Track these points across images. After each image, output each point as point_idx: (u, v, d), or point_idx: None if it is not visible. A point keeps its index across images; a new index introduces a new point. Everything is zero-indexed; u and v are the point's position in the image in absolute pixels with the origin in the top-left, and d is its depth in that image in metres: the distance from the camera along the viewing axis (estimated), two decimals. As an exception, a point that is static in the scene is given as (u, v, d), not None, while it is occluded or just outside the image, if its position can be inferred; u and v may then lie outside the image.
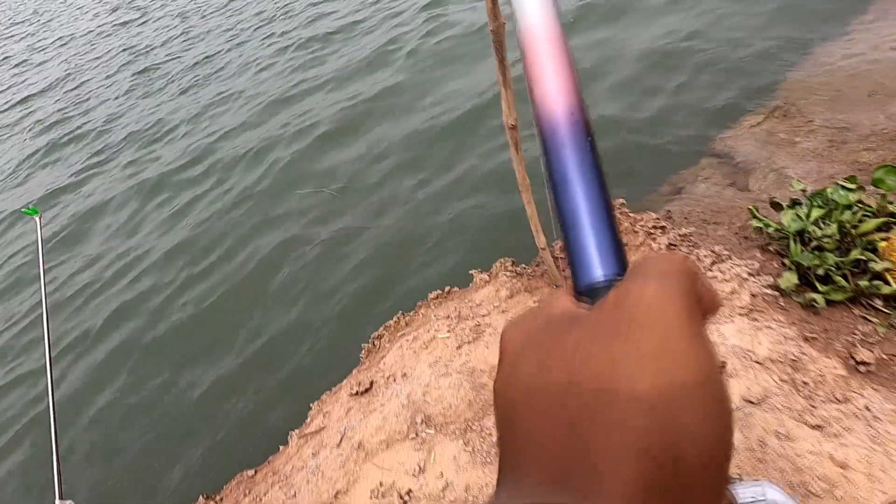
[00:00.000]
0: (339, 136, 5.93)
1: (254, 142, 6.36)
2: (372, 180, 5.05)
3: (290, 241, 4.60)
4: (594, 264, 0.34)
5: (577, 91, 0.37)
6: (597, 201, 0.36)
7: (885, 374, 2.37)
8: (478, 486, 2.19)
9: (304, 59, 8.04)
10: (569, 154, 0.36)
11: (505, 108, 2.56)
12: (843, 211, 2.99)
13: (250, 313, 3.91)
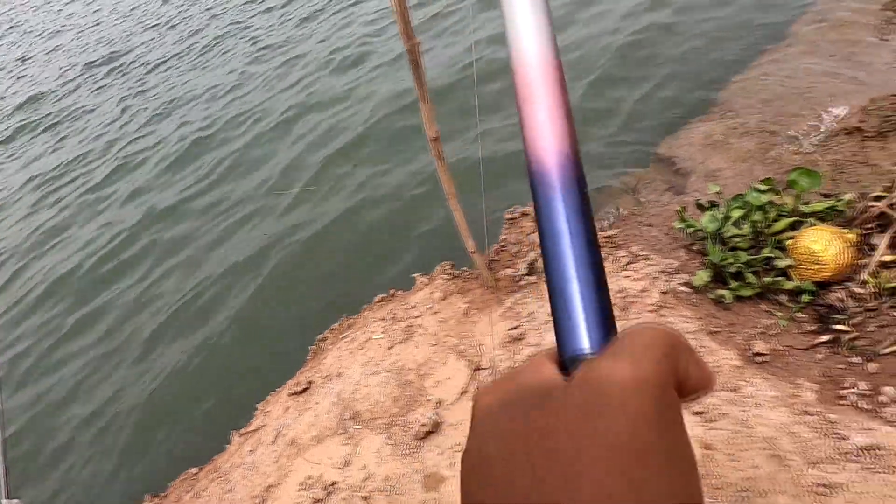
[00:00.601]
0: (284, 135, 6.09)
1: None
2: (330, 184, 5.21)
3: (248, 242, 4.76)
4: (579, 335, 0.33)
5: (571, 135, 0.36)
6: (585, 263, 0.34)
7: (778, 364, 2.53)
8: (396, 476, 2.34)
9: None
10: (559, 205, 0.34)
11: (425, 121, 2.72)
12: (755, 212, 3.16)
13: (203, 316, 4.06)
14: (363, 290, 3.96)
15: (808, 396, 2.31)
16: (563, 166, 0.35)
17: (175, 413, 3.44)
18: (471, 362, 2.71)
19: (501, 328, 2.84)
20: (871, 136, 3.71)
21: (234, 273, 4.54)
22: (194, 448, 3.18)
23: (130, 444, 3.36)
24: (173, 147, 7.09)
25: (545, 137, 0.35)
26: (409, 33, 2.46)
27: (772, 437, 1.96)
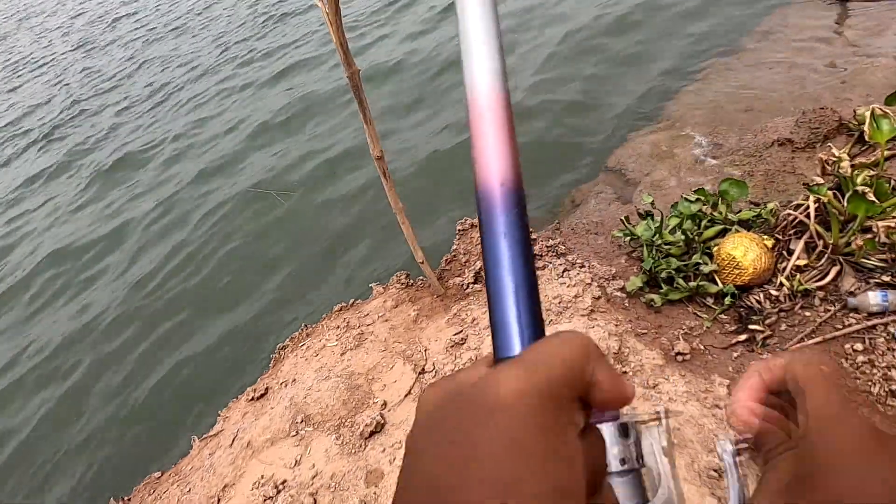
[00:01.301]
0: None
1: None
2: (302, 193, 5.39)
3: (214, 251, 4.93)
4: (511, 342, 0.36)
5: (513, 164, 0.39)
6: (520, 276, 0.37)
7: (697, 363, 2.73)
8: (341, 473, 2.51)
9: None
10: (499, 228, 0.38)
11: (370, 142, 2.91)
12: (686, 220, 3.37)
13: (172, 326, 4.22)
14: (330, 299, 4.15)
15: (719, 391, 2.51)
16: (505, 194, 0.38)
17: (141, 420, 3.59)
18: (416, 366, 2.89)
19: (447, 333, 3.02)
20: (801, 147, 3.95)
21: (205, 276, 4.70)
22: (155, 454, 3.33)
23: (101, 448, 3.51)
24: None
25: (491, 166, 0.38)
26: (349, 62, 2.66)
27: (674, 427, 2.15)
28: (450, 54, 6.88)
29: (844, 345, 2.60)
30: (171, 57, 10.41)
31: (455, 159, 5.05)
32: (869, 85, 4.50)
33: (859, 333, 2.62)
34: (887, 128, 2.84)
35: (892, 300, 2.61)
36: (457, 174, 4.78)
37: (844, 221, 3.01)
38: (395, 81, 6.87)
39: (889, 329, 2.58)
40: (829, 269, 2.94)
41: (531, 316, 0.37)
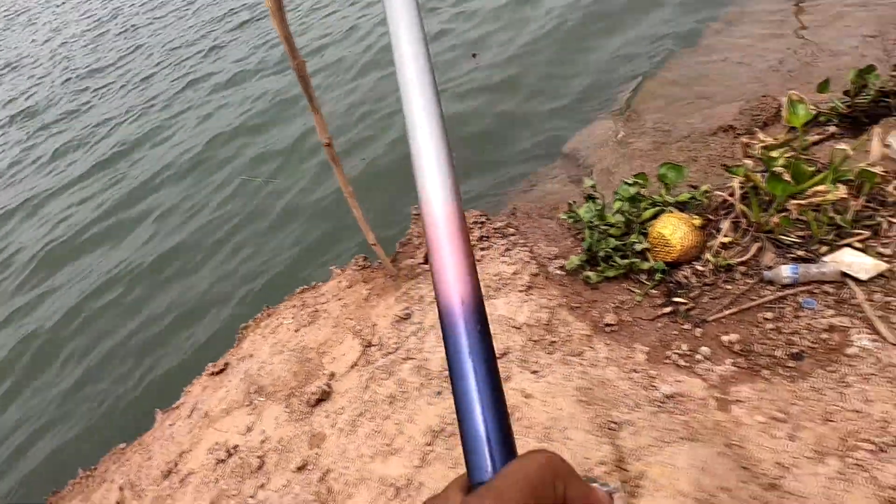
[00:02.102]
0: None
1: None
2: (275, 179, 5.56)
3: (190, 232, 5.10)
4: (485, 465, 0.37)
5: (472, 280, 0.39)
6: (488, 395, 0.37)
7: (624, 333, 2.92)
8: (288, 437, 2.69)
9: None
10: (462, 343, 0.38)
11: (318, 128, 3.08)
12: (626, 202, 3.55)
13: (141, 304, 4.41)
14: (296, 282, 4.33)
15: (639, 357, 2.70)
16: (466, 312, 0.39)
17: (112, 396, 3.77)
18: (364, 340, 3.07)
19: (394, 310, 3.20)
20: (742, 133, 4.13)
21: (181, 258, 4.88)
22: (125, 428, 3.51)
23: (74, 425, 3.69)
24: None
25: (451, 284, 0.39)
26: (294, 53, 2.82)
27: (586, 387, 2.34)
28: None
29: (757, 314, 2.79)
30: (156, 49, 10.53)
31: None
32: (815, 74, 4.67)
33: (771, 304, 2.81)
34: (803, 112, 3.02)
35: (801, 273, 2.80)
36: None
37: (769, 201, 3.20)
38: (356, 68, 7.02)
39: (797, 299, 2.77)
40: (751, 245, 3.12)
41: (501, 434, 0.37)
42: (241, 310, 4.11)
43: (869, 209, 2.95)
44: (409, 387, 2.57)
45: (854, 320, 2.53)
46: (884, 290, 2.59)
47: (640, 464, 1.95)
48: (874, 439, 2.02)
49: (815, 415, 2.20)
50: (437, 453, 2.22)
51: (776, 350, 2.58)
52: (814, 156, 3.57)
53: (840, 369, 2.35)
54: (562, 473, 0.36)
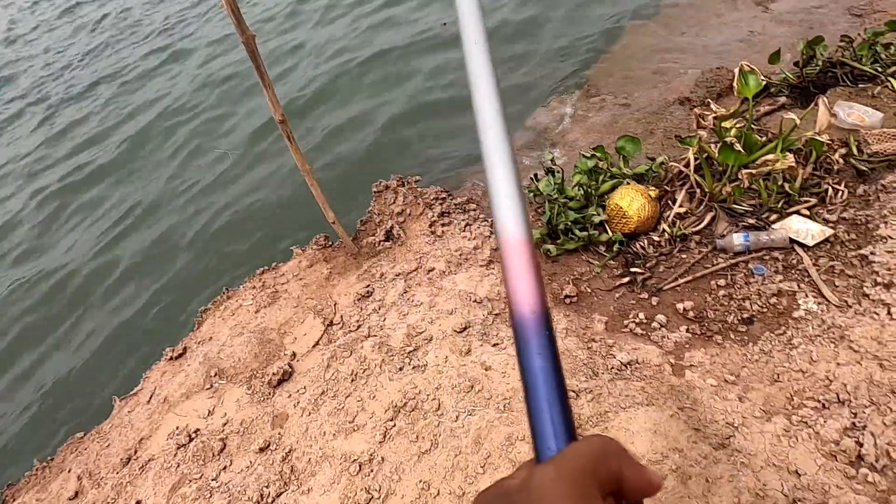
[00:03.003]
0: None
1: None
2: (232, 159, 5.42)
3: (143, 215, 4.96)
4: (549, 446, 0.42)
5: (541, 293, 0.46)
6: (553, 390, 0.43)
7: (583, 304, 2.96)
8: (250, 419, 2.67)
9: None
10: (533, 344, 0.44)
11: (271, 106, 3.00)
12: (585, 175, 3.58)
13: (94, 290, 4.29)
14: (256, 263, 4.25)
15: (598, 327, 2.75)
16: (536, 320, 0.45)
17: (67, 386, 3.67)
18: (325, 319, 3.05)
19: (356, 288, 3.18)
20: (697, 105, 4.19)
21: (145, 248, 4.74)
22: (88, 416, 3.42)
23: (30, 418, 3.59)
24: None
25: (523, 298, 0.46)
26: (243, 28, 2.73)
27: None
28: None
29: (711, 282, 2.86)
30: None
31: (375, 128, 5.15)
32: (770, 46, 4.75)
33: (724, 271, 2.88)
34: (754, 83, 3.07)
35: (752, 240, 2.88)
36: (377, 142, 4.89)
37: (722, 171, 3.26)
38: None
39: (749, 266, 2.85)
40: (705, 215, 3.19)
41: (564, 424, 0.43)
42: (199, 293, 4.03)
43: (816, 177, 3.04)
44: (371, 364, 2.56)
45: (801, 284, 2.62)
46: (829, 255, 2.69)
47: (597, 429, 2.00)
48: (818, 397, 2.11)
49: (763, 376, 2.29)
50: (399, 428, 2.23)
51: (728, 316, 2.65)
52: (765, 126, 3.65)
53: (787, 332, 2.43)
54: (617, 452, 0.41)
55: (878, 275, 2.40)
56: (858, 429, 1.92)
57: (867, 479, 1.79)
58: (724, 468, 1.83)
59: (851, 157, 3.02)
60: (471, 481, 1.92)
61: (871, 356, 2.14)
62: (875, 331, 2.21)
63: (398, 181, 3.69)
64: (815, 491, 1.75)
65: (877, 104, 3.35)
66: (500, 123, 0.52)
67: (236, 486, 2.33)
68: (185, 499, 2.38)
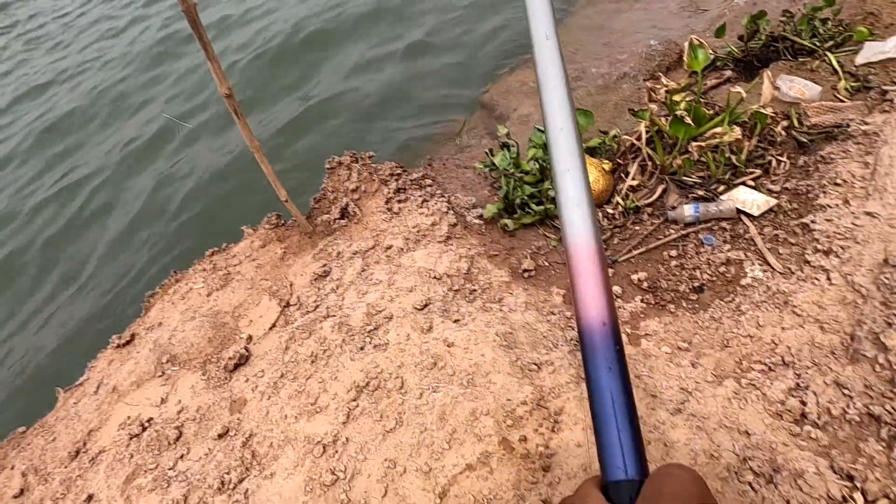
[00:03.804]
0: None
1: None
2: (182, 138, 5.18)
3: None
4: (618, 465, 0.41)
5: (610, 306, 0.44)
6: (624, 405, 0.41)
7: (541, 277, 3.00)
8: (206, 405, 2.59)
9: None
10: (603, 357, 0.43)
11: (216, 79, 2.85)
12: (539, 149, 3.59)
13: (30, 275, 4.04)
14: (205, 244, 4.09)
15: (556, 300, 2.79)
16: (607, 332, 0.44)
17: (9, 380, 3.47)
18: (281, 300, 2.97)
19: (312, 268, 3.11)
20: (647, 78, 4.25)
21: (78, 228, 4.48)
22: (29, 410, 3.25)
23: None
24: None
25: (594, 308, 0.45)
26: (183, -8, 2.56)
27: (506, 332, 2.39)
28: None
29: (663, 252, 2.94)
30: None
31: (330, 104, 5.00)
32: (717, 19, 4.85)
33: (676, 242, 2.97)
34: (702, 57, 3.13)
35: (702, 211, 2.96)
36: (329, 117, 4.76)
37: (672, 144, 3.33)
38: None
39: (699, 236, 2.93)
40: (657, 187, 3.26)
41: (633, 440, 0.42)
42: (145, 277, 3.86)
43: (760, 149, 3.15)
44: (331, 344, 2.52)
45: (748, 253, 2.72)
46: (773, 224, 2.80)
47: (558, 400, 2.04)
48: (765, 360, 2.21)
49: (714, 342, 2.38)
50: (362, 408, 2.21)
51: (680, 285, 2.74)
52: (712, 99, 3.74)
53: (736, 299, 2.53)
54: (704, 494, 0.39)
55: (818, 242, 2.51)
56: (802, 389, 2.03)
57: (810, 436, 1.90)
58: (680, 432, 1.90)
59: (793, 129, 3.14)
60: (437, 457, 1.93)
61: (812, 320, 2.25)
62: (816, 296, 2.32)
63: (352, 157, 3.60)
64: (764, 449, 1.84)
65: (815, 78, 3.48)
66: (573, 131, 0.50)
67: (195, 475, 2.27)
68: (141, 490, 2.30)
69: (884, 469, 1.74)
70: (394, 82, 5.08)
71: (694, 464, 1.81)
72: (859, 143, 2.81)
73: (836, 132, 2.98)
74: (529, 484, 1.81)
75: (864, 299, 2.20)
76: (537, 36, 0.57)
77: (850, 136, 2.90)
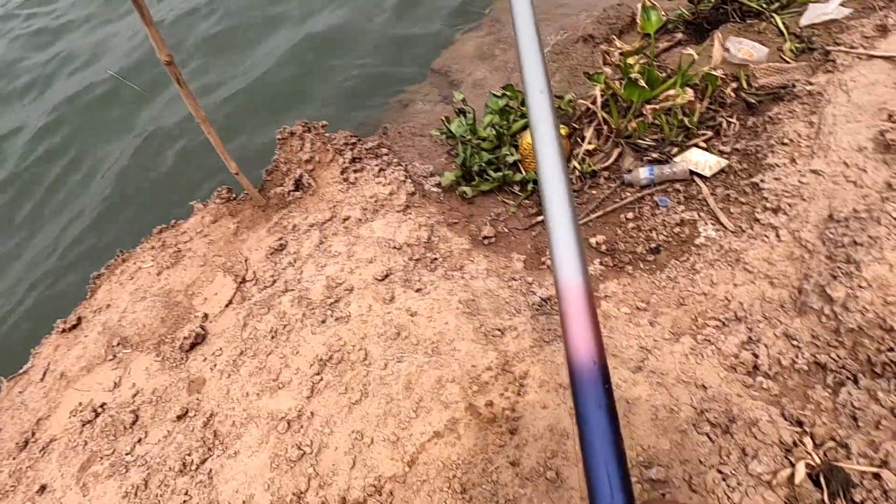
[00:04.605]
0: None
1: None
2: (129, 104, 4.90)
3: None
4: (606, 496, 0.43)
5: (598, 344, 0.47)
6: (611, 445, 0.44)
7: (501, 244, 3.00)
8: (163, 387, 2.51)
9: None
10: (594, 395, 0.45)
11: (155, 45, 2.68)
12: (496, 115, 3.55)
13: None
14: (152, 222, 3.91)
15: (517, 266, 2.80)
16: (598, 370, 0.46)
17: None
18: (237, 276, 2.88)
19: (267, 242, 3.02)
20: (601, 42, 4.24)
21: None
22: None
23: None
24: None
25: (582, 345, 0.47)
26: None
27: (469, 299, 2.39)
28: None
29: (620, 215, 2.98)
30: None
31: (275, 75, 4.81)
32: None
33: (632, 204, 3.01)
34: (655, 18, 3.14)
35: (657, 174, 3.00)
36: (276, 85, 4.58)
37: (627, 107, 3.35)
38: None
39: (654, 198, 2.98)
40: (612, 151, 3.29)
41: (621, 481, 0.43)
42: (89, 259, 3.68)
43: (711, 110, 3.20)
44: (291, 319, 2.47)
45: (701, 213, 2.79)
46: (724, 185, 2.87)
47: (523, 364, 2.05)
48: (719, 316, 2.28)
49: (670, 301, 2.44)
50: (326, 381, 2.17)
51: (637, 247, 2.79)
52: (664, 62, 3.77)
53: (690, 258, 2.59)
54: None
55: (767, 200, 2.59)
56: (754, 342, 2.11)
57: (762, 386, 1.98)
58: (641, 389, 1.95)
59: (742, 90, 3.20)
60: (404, 426, 1.92)
61: (762, 276, 2.33)
62: (766, 252, 2.40)
63: (304, 127, 3.48)
64: (720, 401, 1.91)
65: (762, 39, 3.54)
66: (563, 177, 0.52)
67: (154, 458, 2.20)
68: (98, 477, 2.22)
69: (830, 414, 1.83)
70: (346, 52, 4.92)
71: (655, 418, 1.87)
72: (804, 103, 2.89)
73: (782, 93, 3.05)
74: (497, 447, 1.83)
75: (810, 254, 2.29)
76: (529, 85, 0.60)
77: (795, 96, 2.98)
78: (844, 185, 2.38)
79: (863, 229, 2.14)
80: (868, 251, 2.03)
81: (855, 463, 1.64)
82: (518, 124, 3.54)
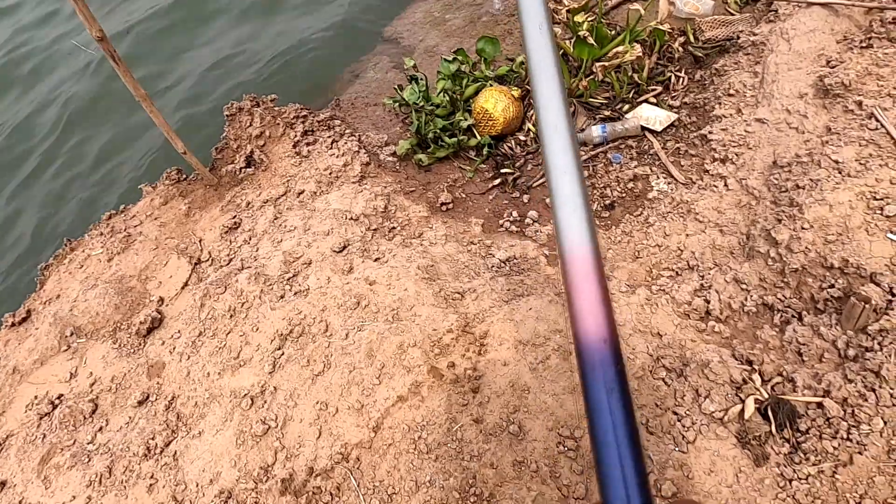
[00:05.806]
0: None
1: None
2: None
3: None
4: (619, 493, 0.38)
5: (611, 320, 0.41)
6: (625, 433, 0.39)
7: (459, 209, 2.99)
8: (122, 374, 2.45)
9: None
10: (603, 379, 0.40)
11: (84, 21, 2.55)
12: (448, 80, 3.51)
13: None
14: (98, 207, 3.78)
15: (475, 230, 2.80)
16: (608, 350, 0.40)
17: None
18: (192, 258, 2.82)
19: (221, 221, 2.95)
20: (552, 2, 4.21)
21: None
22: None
23: None
24: None
25: (591, 322, 0.41)
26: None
27: (428, 265, 2.39)
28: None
29: (575, 174, 3.00)
30: None
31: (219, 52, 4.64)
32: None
33: (586, 163, 3.03)
34: (601, -26, 3.12)
35: (609, 131, 3.02)
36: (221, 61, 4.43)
37: (578, 67, 3.35)
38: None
39: (608, 155, 3.01)
40: (565, 111, 3.29)
41: (636, 469, 0.39)
42: (35, 251, 3.54)
43: (660, 66, 3.22)
44: (249, 296, 2.43)
45: (653, 168, 2.83)
46: (675, 138, 2.91)
47: (483, 325, 2.07)
48: (672, 266, 2.34)
49: (626, 255, 2.48)
50: (288, 355, 2.16)
51: (593, 204, 2.81)
52: (613, 19, 3.77)
53: (644, 212, 2.64)
54: None
55: (716, 151, 2.64)
56: (706, 289, 2.16)
57: (714, 330, 2.04)
58: (598, 340, 1.99)
59: (689, 44, 3.22)
60: (368, 393, 1.93)
61: (713, 224, 2.39)
62: (715, 202, 2.46)
63: (252, 101, 3.38)
64: (675, 347, 1.97)
65: (708, -7, 3.56)
66: (568, 128, 0.46)
67: (117, 445, 2.17)
68: (60, 468, 2.17)
69: (777, 351, 1.90)
70: (291, 27, 4.77)
71: (612, 368, 1.91)
72: (749, 53, 2.93)
73: (728, 45, 3.09)
74: (460, 406, 1.85)
75: (756, 200, 2.35)
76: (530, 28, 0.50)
77: (740, 47, 3.02)
78: (787, 132, 2.44)
79: (804, 173, 2.20)
80: (809, 193, 2.10)
81: (800, 395, 1.71)
82: (471, 88, 3.50)
